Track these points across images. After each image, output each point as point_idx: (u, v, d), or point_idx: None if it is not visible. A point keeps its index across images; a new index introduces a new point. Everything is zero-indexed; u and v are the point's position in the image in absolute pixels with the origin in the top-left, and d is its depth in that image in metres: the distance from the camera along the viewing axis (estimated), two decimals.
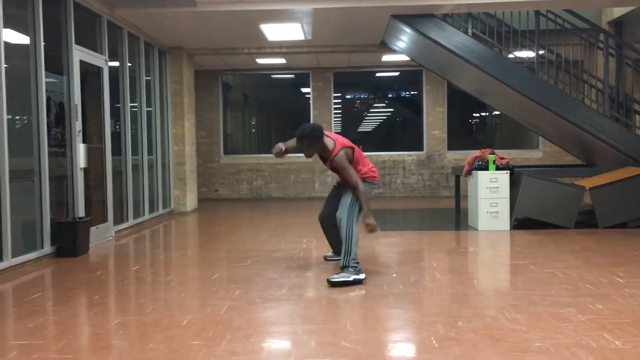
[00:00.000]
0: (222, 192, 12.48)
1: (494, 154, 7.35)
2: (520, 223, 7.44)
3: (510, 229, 7.15)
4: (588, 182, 7.34)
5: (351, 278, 4.33)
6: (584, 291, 4.08)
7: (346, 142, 4.65)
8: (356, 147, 4.71)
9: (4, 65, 4.97)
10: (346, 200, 4.57)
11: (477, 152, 7.58)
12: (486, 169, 7.27)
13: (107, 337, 3.24)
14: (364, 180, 4.62)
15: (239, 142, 13.22)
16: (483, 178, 7.18)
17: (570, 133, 8.00)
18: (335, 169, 4.60)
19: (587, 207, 7.65)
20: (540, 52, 7.85)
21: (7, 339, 3.24)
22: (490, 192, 7.16)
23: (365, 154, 4.86)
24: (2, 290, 4.49)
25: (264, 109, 13.89)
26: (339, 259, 4.65)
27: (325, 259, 5.37)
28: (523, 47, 8.03)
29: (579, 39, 8.00)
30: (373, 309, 3.73)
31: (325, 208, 5.02)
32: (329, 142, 4.55)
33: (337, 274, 4.41)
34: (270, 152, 4.83)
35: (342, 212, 4.52)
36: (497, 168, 7.25)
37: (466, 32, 7.76)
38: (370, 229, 4.45)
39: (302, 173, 12.29)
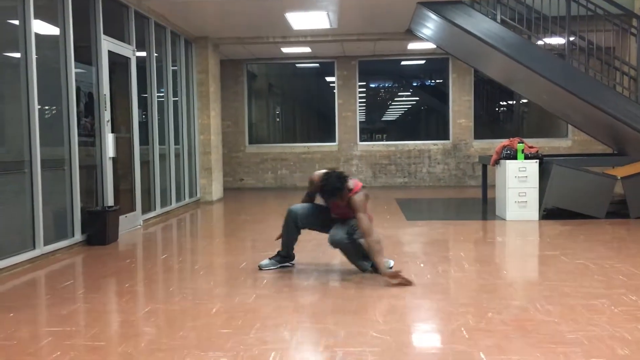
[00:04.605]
0: (247, 181, 12.53)
1: (522, 142, 7.24)
2: (550, 213, 7.33)
3: (540, 219, 7.05)
4: (619, 172, 7.19)
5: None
6: (617, 282, 4.01)
7: (358, 183, 4.27)
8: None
9: (34, 56, 5.04)
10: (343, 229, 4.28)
11: (505, 141, 7.46)
12: (515, 158, 7.16)
13: (137, 324, 3.28)
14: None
15: (263, 131, 13.24)
16: (512, 167, 7.08)
17: (601, 121, 7.83)
18: (341, 212, 4.27)
19: (618, 196, 7.50)
20: (571, 39, 7.68)
21: (41, 326, 3.31)
22: (519, 182, 7.06)
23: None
24: (35, 277, 4.58)
25: (289, 98, 13.88)
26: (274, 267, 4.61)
27: (264, 267, 4.62)
28: (553, 33, 7.85)
29: (610, 25, 7.80)
30: (401, 299, 3.70)
31: (306, 215, 4.57)
32: (350, 182, 4.17)
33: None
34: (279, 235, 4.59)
35: (341, 237, 4.23)
36: (526, 157, 7.14)
37: (494, 19, 7.62)
38: (399, 282, 3.98)
39: (327, 162, 12.25)
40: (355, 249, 4.33)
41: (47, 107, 5.47)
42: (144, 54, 7.70)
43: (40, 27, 5.33)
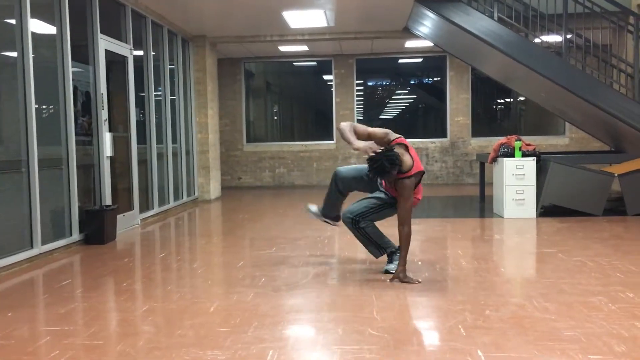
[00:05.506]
0: (245, 179, 12.53)
1: (520, 140, 7.25)
2: (547, 210, 7.34)
3: (537, 216, 7.07)
4: (617, 169, 7.21)
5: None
6: (614, 279, 4.02)
7: (419, 165, 4.17)
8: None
9: (31, 55, 5.03)
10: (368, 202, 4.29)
11: (503, 139, 7.48)
12: (512, 155, 7.17)
13: (136, 323, 3.28)
14: None
15: (261, 129, 13.23)
16: (509, 165, 7.10)
17: (599, 119, 7.84)
18: (393, 188, 4.11)
19: (615, 194, 7.52)
20: (568, 36, 7.68)
21: (39, 325, 3.31)
22: (516, 179, 7.08)
23: None
24: (33, 276, 4.58)
25: (286, 96, 13.88)
26: (318, 217, 4.73)
27: (309, 210, 4.82)
28: (550, 31, 7.86)
29: (607, 23, 7.81)
30: (399, 296, 3.71)
31: (348, 177, 4.46)
32: (407, 158, 4.05)
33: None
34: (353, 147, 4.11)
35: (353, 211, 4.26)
36: (524, 155, 7.16)
37: (492, 17, 7.62)
38: (407, 281, 4.05)
39: (325, 160, 12.27)
40: (362, 235, 4.35)
41: (44, 107, 5.46)
42: (141, 52, 7.69)
43: (37, 26, 5.33)
